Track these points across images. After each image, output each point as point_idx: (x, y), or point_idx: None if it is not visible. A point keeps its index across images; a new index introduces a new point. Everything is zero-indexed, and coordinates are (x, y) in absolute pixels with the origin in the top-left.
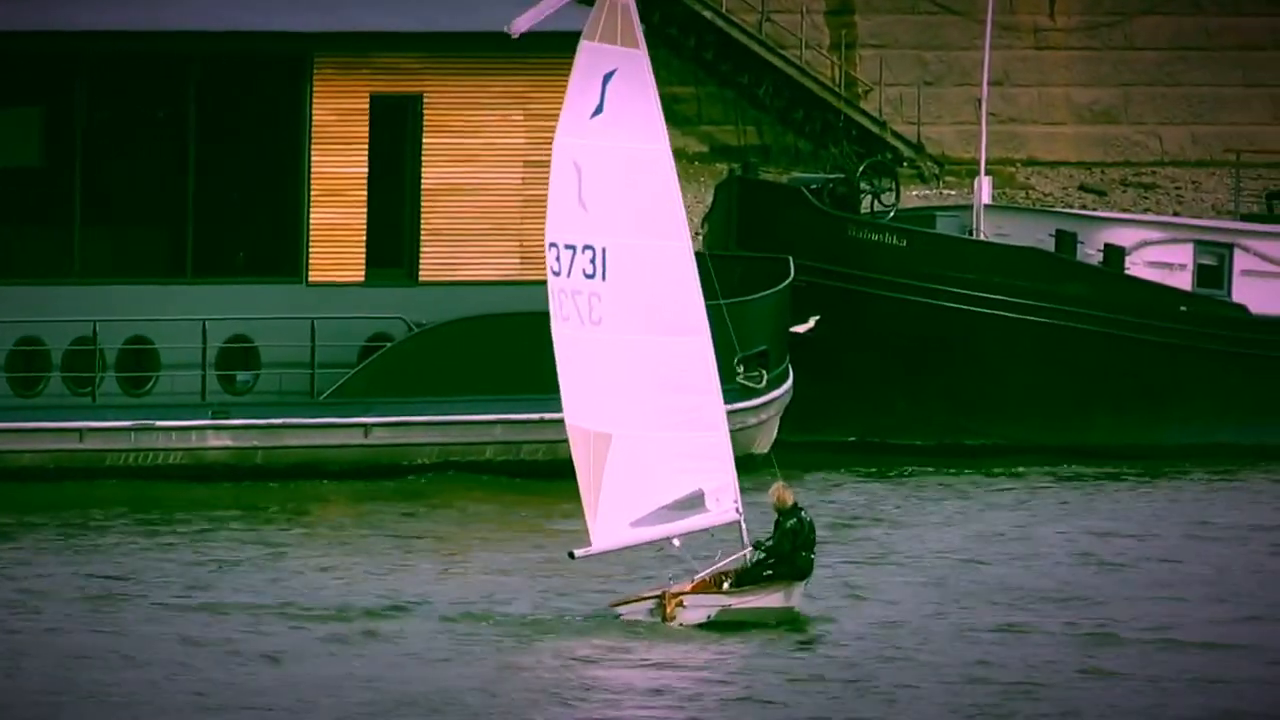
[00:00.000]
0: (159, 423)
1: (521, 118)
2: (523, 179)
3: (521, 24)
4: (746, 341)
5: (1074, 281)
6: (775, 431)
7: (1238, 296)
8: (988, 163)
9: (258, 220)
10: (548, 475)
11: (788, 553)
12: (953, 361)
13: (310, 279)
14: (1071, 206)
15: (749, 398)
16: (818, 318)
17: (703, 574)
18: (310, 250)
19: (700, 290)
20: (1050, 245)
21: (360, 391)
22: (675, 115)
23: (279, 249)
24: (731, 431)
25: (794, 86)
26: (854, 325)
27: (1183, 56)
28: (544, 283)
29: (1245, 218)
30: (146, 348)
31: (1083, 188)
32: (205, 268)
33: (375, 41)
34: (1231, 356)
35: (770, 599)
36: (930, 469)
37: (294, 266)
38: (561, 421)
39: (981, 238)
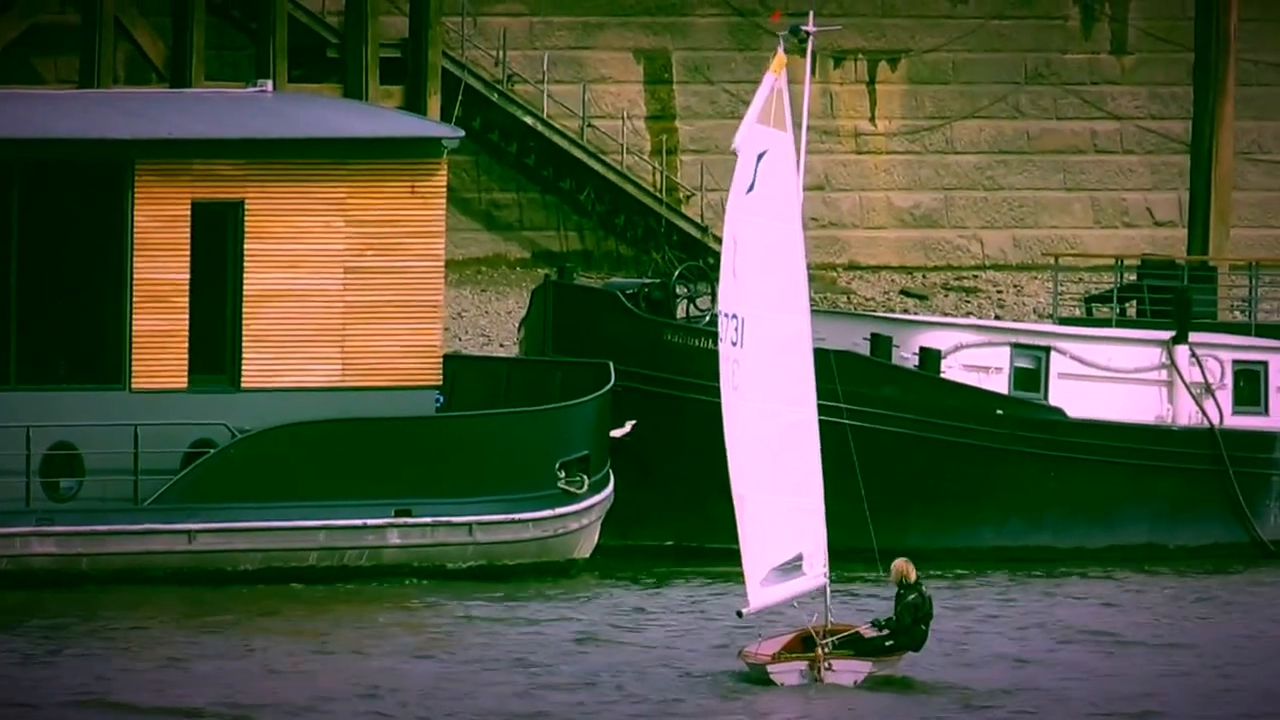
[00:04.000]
0: None
1: (342, 223)
2: (344, 284)
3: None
4: (568, 447)
5: (889, 384)
6: (597, 536)
7: (1054, 400)
8: (809, 267)
9: (81, 327)
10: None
11: (908, 625)
12: None
13: (133, 386)
14: (893, 310)
15: (570, 503)
16: (634, 422)
17: (811, 625)
18: (133, 357)
19: (812, 364)
20: (866, 349)
21: (184, 498)
22: (497, 221)
23: (102, 356)
24: (553, 537)
25: (615, 192)
26: (670, 429)
27: (1003, 160)
28: (365, 389)
29: (1063, 321)
30: None
31: (904, 292)
32: (28, 375)
33: (196, 148)
34: (1048, 459)
35: (896, 668)
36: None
37: (117, 373)
38: (382, 529)
39: None
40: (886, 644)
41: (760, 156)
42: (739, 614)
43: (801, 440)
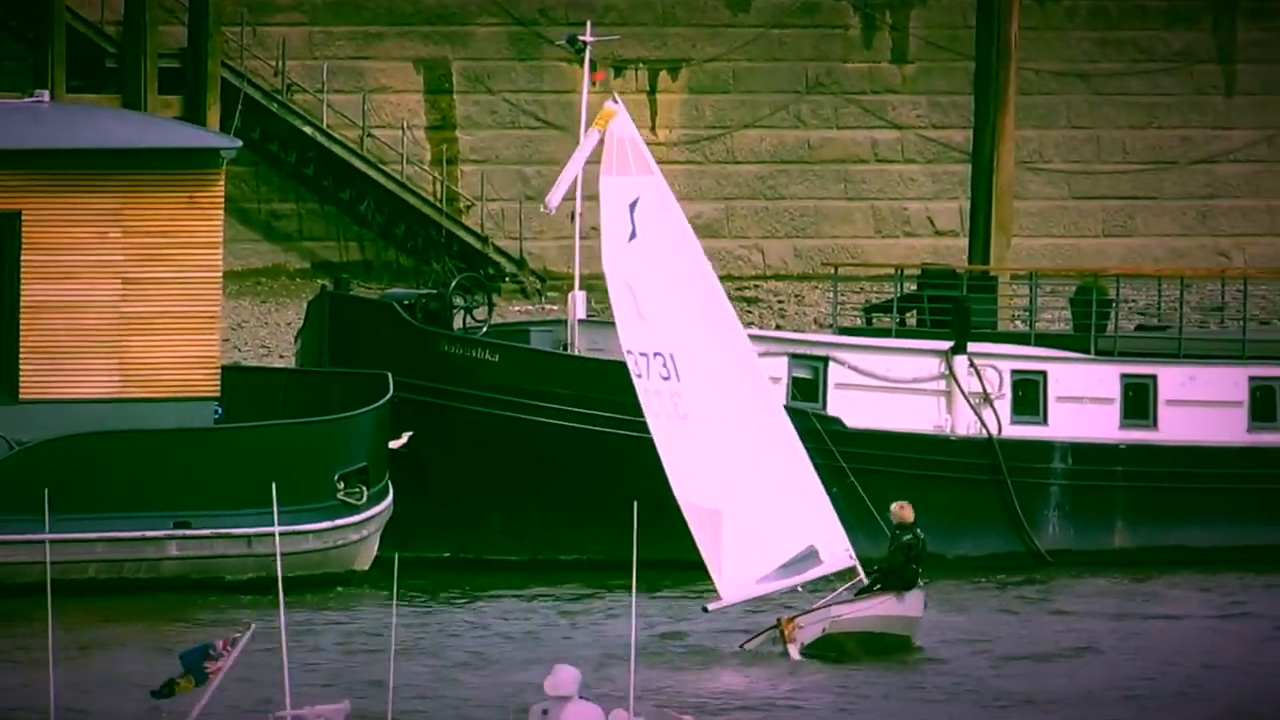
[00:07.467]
0: None
1: (120, 235)
2: (122, 296)
3: (554, 200)
4: (347, 458)
5: None
6: (376, 548)
7: (833, 409)
8: (591, 277)
9: None
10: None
11: (900, 564)
12: (547, 476)
13: None
14: None
15: (349, 514)
16: (411, 433)
17: (818, 604)
18: None
19: (762, 370)
20: None
21: None
22: (276, 232)
23: None
24: (332, 549)
25: (395, 202)
26: (447, 440)
27: (784, 170)
28: (143, 400)
29: (842, 331)
30: None
31: None
32: None
33: None
34: (827, 470)
35: (880, 607)
36: (524, 586)
37: None
38: (162, 540)
39: (575, 352)
40: (875, 587)
41: (633, 205)
42: (705, 609)
43: (779, 442)
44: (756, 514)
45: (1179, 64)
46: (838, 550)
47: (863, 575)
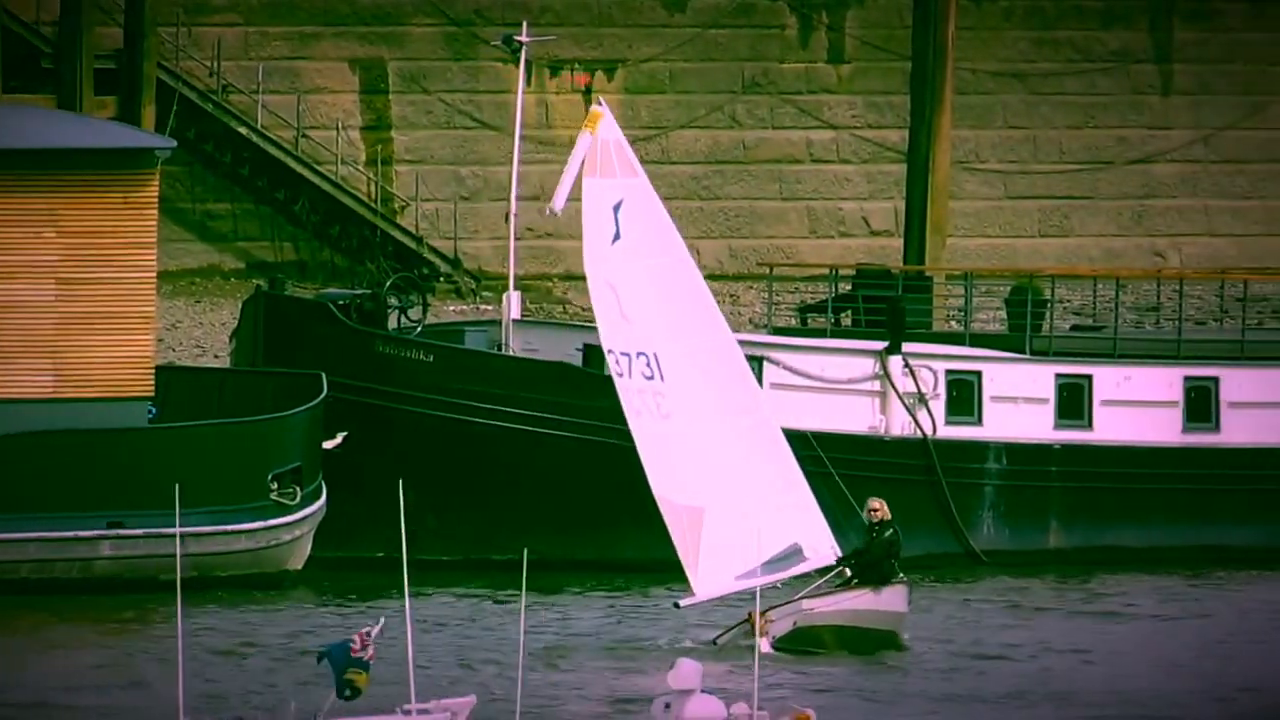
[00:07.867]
0: None
1: (54, 235)
2: (56, 296)
3: (559, 202)
4: (280, 458)
5: (601, 396)
6: (309, 548)
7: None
8: (525, 278)
9: None
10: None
11: (879, 559)
12: (481, 476)
13: None
14: None
15: (282, 514)
16: (345, 433)
17: (794, 599)
18: None
19: (749, 369)
20: (578, 360)
21: None
22: (211, 232)
23: None
24: (265, 549)
25: (330, 202)
26: (382, 440)
27: (719, 170)
28: (77, 400)
29: (777, 331)
30: None
31: None
32: None
33: None
34: None
35: (854, 601)
36: (459, 586)
37: None
38: (94, 540)
39: (509, 352)
40: (852, 581)
41: (617, 207)
42: (676, 605)
43: (764, 440)
44: (741, 511)
45: (1116, 64)
46: (823, 548)
47: (845, 569)
